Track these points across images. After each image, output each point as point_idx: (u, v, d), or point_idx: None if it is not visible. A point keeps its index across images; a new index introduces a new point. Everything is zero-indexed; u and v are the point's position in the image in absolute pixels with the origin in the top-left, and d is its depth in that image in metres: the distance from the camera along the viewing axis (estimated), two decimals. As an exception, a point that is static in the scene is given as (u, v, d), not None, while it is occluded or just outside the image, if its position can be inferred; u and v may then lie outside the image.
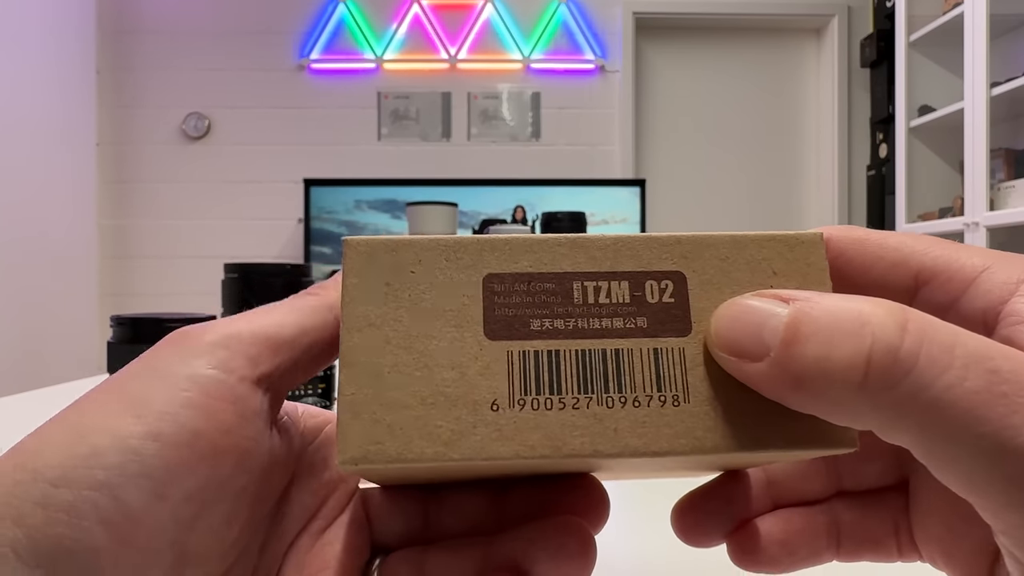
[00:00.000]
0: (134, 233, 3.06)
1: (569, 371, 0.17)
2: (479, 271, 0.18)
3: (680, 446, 0.16)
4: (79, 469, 0.14)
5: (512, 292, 0.17)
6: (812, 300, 0.14)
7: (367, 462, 0.16)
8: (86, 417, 0.15)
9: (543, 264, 0.18)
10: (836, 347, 0.13)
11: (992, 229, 2.18)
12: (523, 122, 3.10)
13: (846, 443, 0.16)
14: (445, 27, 3.07)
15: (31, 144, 2.48)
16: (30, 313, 2.44)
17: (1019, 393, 0.12)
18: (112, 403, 0.15)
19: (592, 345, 0.17)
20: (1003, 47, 2.36)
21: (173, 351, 0.16)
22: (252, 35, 3.05)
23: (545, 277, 0.18)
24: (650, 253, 0.18)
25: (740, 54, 3.23)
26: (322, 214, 2.84)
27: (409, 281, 0.17)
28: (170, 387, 0.15)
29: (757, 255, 0.18)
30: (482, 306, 0.17)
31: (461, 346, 0.17)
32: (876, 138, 3.03)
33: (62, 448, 0.14)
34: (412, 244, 0.18)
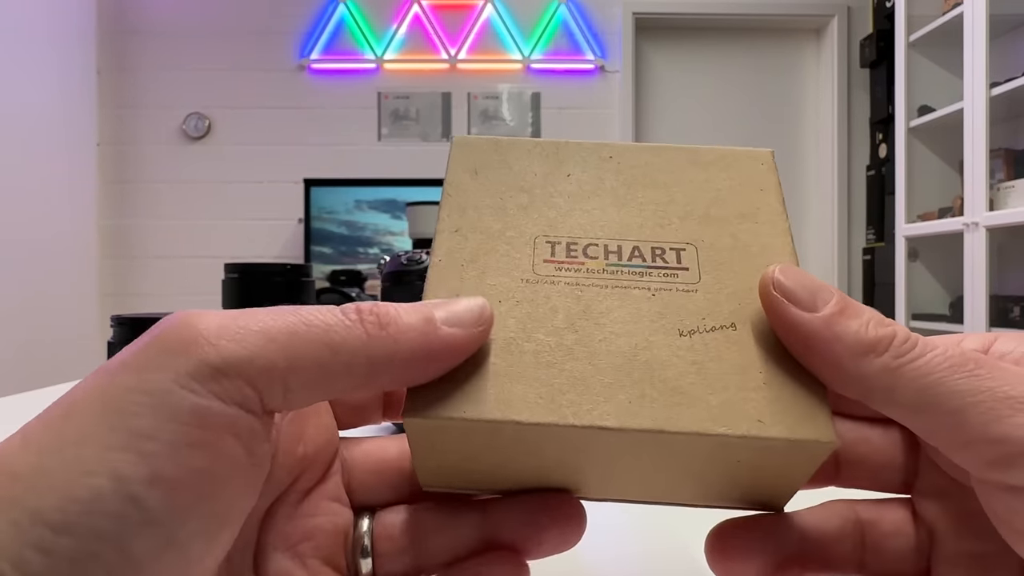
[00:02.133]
0: (134, 233, 3.06)
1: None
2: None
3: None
4: (81, 516, 0.13)
5: None
6: (849, 298, 0.19)
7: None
8: (84, 448, 0.14)
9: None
10: (871, 328, 0.18)
11: (991, 229, 2.18)
12: (523, 122, 3.10)
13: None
14: (445, 27, 3.07)
15: (32, 144, 2.49)
16: (30, 313, 2.44)
17: (980, 366, 0.17)
18: (110, 434, 0.14)
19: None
20: (1003, 47, 2.36)
21: (171, 366, 0.15)
22: (252, 35, 3.06)
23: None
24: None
25: (740, 54, 3.23)
26: (322, 214, 2.84)
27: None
28: (171, 419, 0.14)
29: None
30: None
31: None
32: (876, 138, 3.03)
33: (61, 489, 0.13)
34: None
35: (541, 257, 0.21)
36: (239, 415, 0.15)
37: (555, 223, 0.22)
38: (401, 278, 0.52)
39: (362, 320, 0.16)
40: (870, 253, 2.99)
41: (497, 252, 0.21)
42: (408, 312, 0.17)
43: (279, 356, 0.15)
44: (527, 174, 0.23)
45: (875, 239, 3.00)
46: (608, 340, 0.19)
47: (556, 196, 0.22)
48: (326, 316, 0.16)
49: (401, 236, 2.80)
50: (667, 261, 0.21)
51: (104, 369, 0.15)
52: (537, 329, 0.19)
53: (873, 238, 3.02)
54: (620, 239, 0.21)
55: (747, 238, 0.21)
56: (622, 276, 0.20)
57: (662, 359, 0.19)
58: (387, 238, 2.84)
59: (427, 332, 0.17)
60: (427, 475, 0.20)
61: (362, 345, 0.16)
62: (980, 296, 2.17)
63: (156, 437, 0.14)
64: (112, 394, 0.14)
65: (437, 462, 0.19)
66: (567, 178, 0.23)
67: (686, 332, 0.19)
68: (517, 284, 0.20)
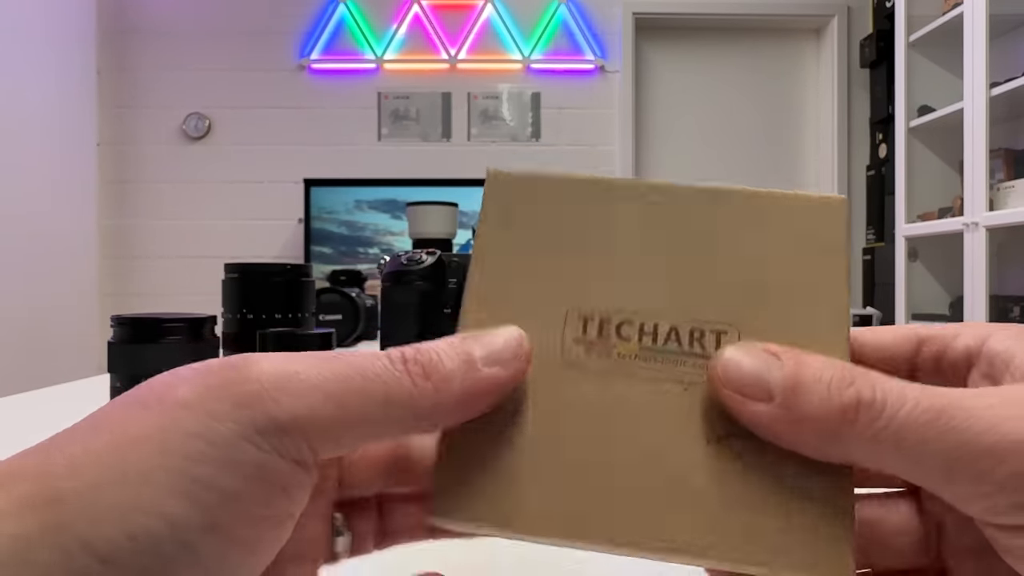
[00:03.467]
0: (135, 233, 3.06)
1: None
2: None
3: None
4: (132, 555, 0.13)
5: None
6: (802, 359, 0.17)
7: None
8: (142, 488, 0.14)
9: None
10: (833, 397, 0.17)
11: (991, 229, 2.18)
12: (523, 122, 3.10)
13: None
14: (445, 27, 3.07)
15: (32, 144, 2.49)
16: (31, 313, 2.44)
17: (955, 415, 0.16)
18: (168, 476, 0.14)
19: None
20: (1003, 47, 2.36)
21: (235, 417, 0.15)
22: (252, 35, 3.06)
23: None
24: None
25: (740, 54, 3.23)
26: (322, 214, 2.84)
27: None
28: (233, 472, 0.14)
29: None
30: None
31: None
32: (876, 138, 3.03)
33: (115, 524, 0.13)
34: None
35: (571, 336, 0.20)
36: (295, 471, 0.15)
37: (590, 290, 0.20)
38: (401, 278, 0.52)
39: (408, 371, 0.16)
40: (870, 253, 2.99)
41: (527, 325, 0.19)
42: (449, 357, 0.17)
43: (336, 412, 0.15)
44: (565, 224, 0.21)
45: (875, 239, 3.00)
46: (632, 446, 0.19)
47: (594, 254, 0.21)
48: (375, 366, 0.16)
49: (401, 236, 2.80)
50: (704, 348, 0.19)
51: (158, 401, 0.15)
52: (562, 429, 0.19)
53: (873, 238, 3.02)
54: (658, 315, 0.20)
55: (797, 323, 0.20)
56: (655, 364, 0.19)
57: (684, 472, 0.18)
58: (387, 238, 2.84)
59: (469, 376, 0.17)
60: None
61: (409, 398, 0.16)
62: (980, 296, 2.17)
63: (216, 487, 0.14)
64: (174, 436, 0.14)
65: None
66: (609, 230, 0.21)
67: (714, 439, 0.18)
68: (545, 371, 0.19)
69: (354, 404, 0.16)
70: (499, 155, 3.10)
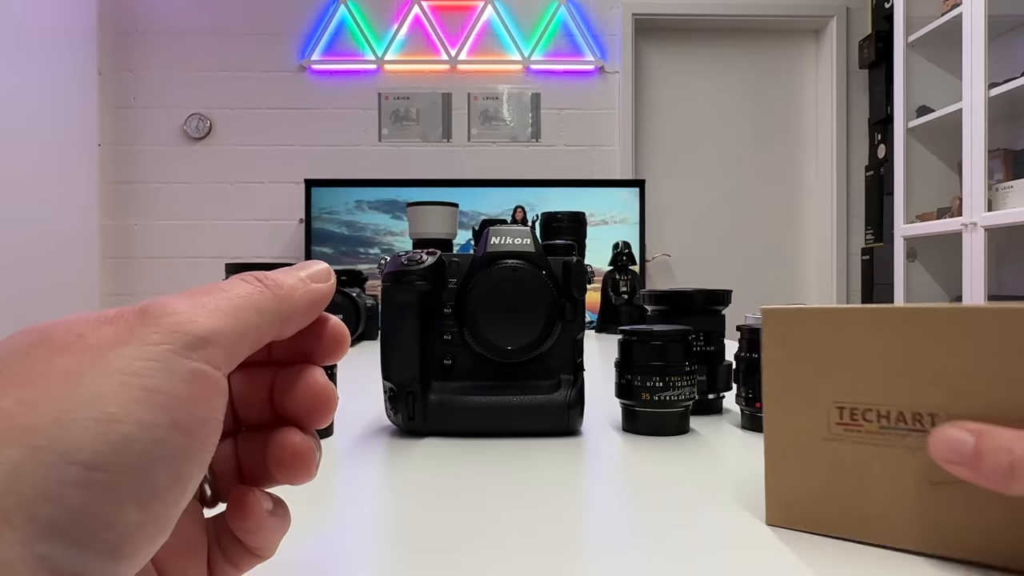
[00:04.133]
0: (136, 233, 3.07)
1: None
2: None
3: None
4: (114, 455, 0.16)
5: None
6: (986, 434, 0.26)
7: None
8: (106, 402, 0.16)
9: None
10: (1001, 461, 0.25)
11: (990, 229, 2.18)
12: (523, 123, 3.11)
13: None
14: (445, 28, 3.08)
15: (33, 145, 2.50)
16: (32, 312, 2.45)
17: None
18: (126, 390, 0.17)
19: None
20: (1001, 48, 2.37)
21: (166, 340, 0.18)
22: (253, 36, 3.06)
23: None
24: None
25: (739, 55, 3.24)
26: (323, 214, 2.85)
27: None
28: (177, 380, 0.17)
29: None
30: None
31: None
32: (875, 139, 3.03)
33: (91, 435, 0.16)
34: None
35: (834, 420, 0.31)
36: (220, 377, 0.19)
37: (842, 390, 0.30)
38: (401, 278, 0.52)
39: (267, 287, 0.21)
40: (869, 253, 3.00)
41: (806, 416, 0.31)
42: (288, 275, 0.22)
43: (236, 324, 0.19)
44: (819, 344, 0.31)
45: (874, 239, 3.01)
46: (881, 486, 0.30)
47: (841, 365, 0.30)
48: (244, 288, 0.21)
49: (401, 236, 2.80)
50: (923, 425, 0.29)
51: (81, 348, 0.18)
52: (834, 474, 0.31)
53: (872, 238, 3.03)
54: (888, 405, 0.29)
55: (997, 407, 0.27)
56: (890, 437, 0.29)
57: (916, 502, 0.29)
58: (387, 238, 2.85)
59: (306, 288, 0.22)
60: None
61: (274, 306, 0.21)
62: (979, 296, 2.18)
63: (169, 392, 0.17)
64: (118, 360, 0.17)
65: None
66: (848, 347, 0.30)
67: (936, 482, 0.28)
68: (819, 441, 0.31)
69: (243, 317, 0.20)
70: (499, 155, 3.11)
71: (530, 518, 0.35)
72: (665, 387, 0.52)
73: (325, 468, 0.45)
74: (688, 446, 0.50)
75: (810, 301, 3.13)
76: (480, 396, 0.53)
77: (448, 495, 0.39)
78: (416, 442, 0.52)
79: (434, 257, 0.53)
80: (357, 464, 0.47)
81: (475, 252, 0.54)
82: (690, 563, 0.30)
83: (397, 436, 0.53)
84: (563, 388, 0.53)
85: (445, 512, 0.36)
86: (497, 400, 0.52)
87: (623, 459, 0.48)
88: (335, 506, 0.39)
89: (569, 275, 0.54)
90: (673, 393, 0.52)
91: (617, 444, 0.51)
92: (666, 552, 0.31)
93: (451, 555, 0.31)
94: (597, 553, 0.31)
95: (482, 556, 0.30)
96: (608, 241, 1.65)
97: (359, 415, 0.61)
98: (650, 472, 0.45)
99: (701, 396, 0.61)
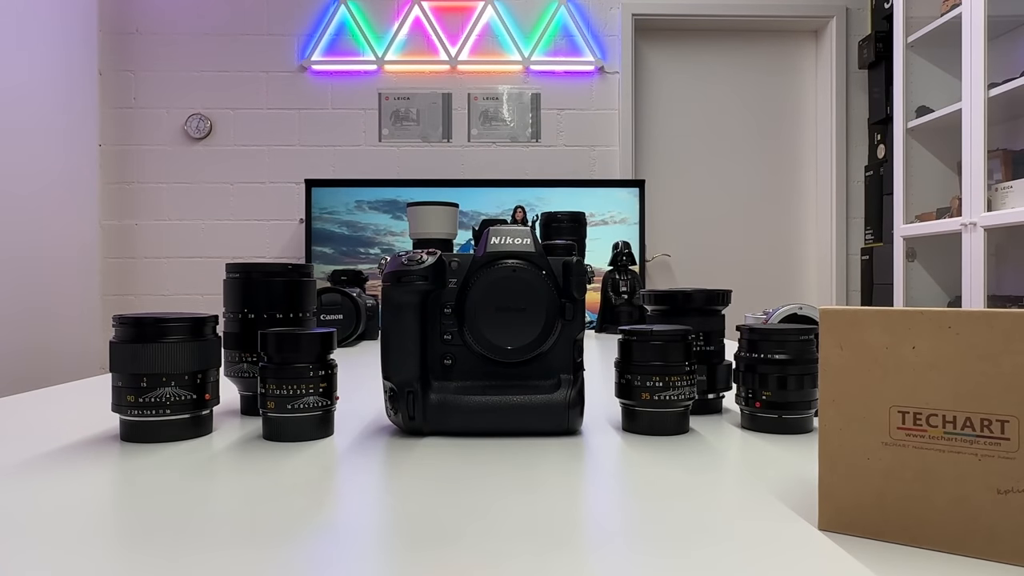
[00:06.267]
0: (136, 233, 3.07)
1: None
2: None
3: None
4: None
5: None
6: None
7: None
8: None
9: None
10: None
11: (989, 230, 2.18)
12: (523, 123, 3.11)
13: None
14: (446, 29, 3.08)
15: (34, 145, 2.50)
16: (33, 313, 2.45)
17: None
18: None
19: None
20: (1001, 48, 2.37)
21: None
22: (254, 37, 3.07)
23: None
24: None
25: (739, 56, 3.24)
26: (323, 214, 2.85)
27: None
28: None
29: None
30: None
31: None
32: (874, 139, 3.04)
33: None
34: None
35: (895, 425, 0.30)
36: None
37: (904, 394, 0.30)
38: (401, 278, 0.53)
39: None
40: (868, 253, 3.00)
41: (864, 419, 0.31)
42: None
43: None
44: (880, 347, 0.31)
45: (873, 239, 3.01)
46: (945, 492, 0.29)
47: (904, 368, 0.30)
48: None
49: (402, 236, 2.81)
50: (992, 432, 0.28)
51: None
52: (894, 480, 0.30)
53: (871, 238, 3.03)
54: (955, 410, 0.29)
55: None
56: (956, 443, 0.29)
57: (981, 509, 0.29)
58: (388, 238, 2.85)
59: None
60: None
61: None
62: (978, 296, 2.18)
63: None
64: None
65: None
66: (913, 351, 0.30)
67: (1003, 491, 0.28)
68: (879, 445, 0.31)
69: None
70: (499, 156, 3.11)
71: (530, 517, 0.35)
72: (665, 387, 0.52)
73: (325, 468, 0.45)
74: (688, 446, 0.50)
75: (810, 301, 3.13)
76: (480, 396, 0.53)
77: (448, 495, 0.39)
78: (416, 442, 0.52)
79: (434, 257, 0.53)
80: (357, 464, 0.47)
81: (475, 252, 0.54)
82: (691, 563, 0.30)
83: (397, 436, 0.53)
84: (563, 388, 0.53)
85: (445, 512, 0.36)
86: (497, 400, 0.53)
87: (623, 459, 0.48)
88: (335, 506, 0.39)
89: (569, 275, 0.54)
90: (673, 393, 0.52)
91: (617, 444, 0.51)
92: (667, 552, 0.31)
93: (451, 554, 0.31)
94: (597, 553, 0.31)
95: (482, 555, 0.31)
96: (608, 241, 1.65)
97: (359, 415, 0.61)
98: (650, 472, 0.45)
99: (701, 396, 0.61)
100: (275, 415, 0.52)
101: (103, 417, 0.58)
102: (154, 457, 0.48)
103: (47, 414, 0.65)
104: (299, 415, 0.51)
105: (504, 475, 0.43)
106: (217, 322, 0.56)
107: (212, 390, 0.54)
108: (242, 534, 0.33)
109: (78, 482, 0.42)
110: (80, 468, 0.45)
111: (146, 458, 0.47)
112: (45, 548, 0.32)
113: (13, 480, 0.43)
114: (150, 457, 0.48)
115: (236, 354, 0.60)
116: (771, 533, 0.33)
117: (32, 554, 0.31)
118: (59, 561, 0.30)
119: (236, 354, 0.60)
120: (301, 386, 0.51)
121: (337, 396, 0.54)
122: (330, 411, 0.53)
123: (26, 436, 0.55)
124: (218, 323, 0.57)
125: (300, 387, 0.51)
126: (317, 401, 0.52)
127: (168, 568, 0.29)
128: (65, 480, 0.43)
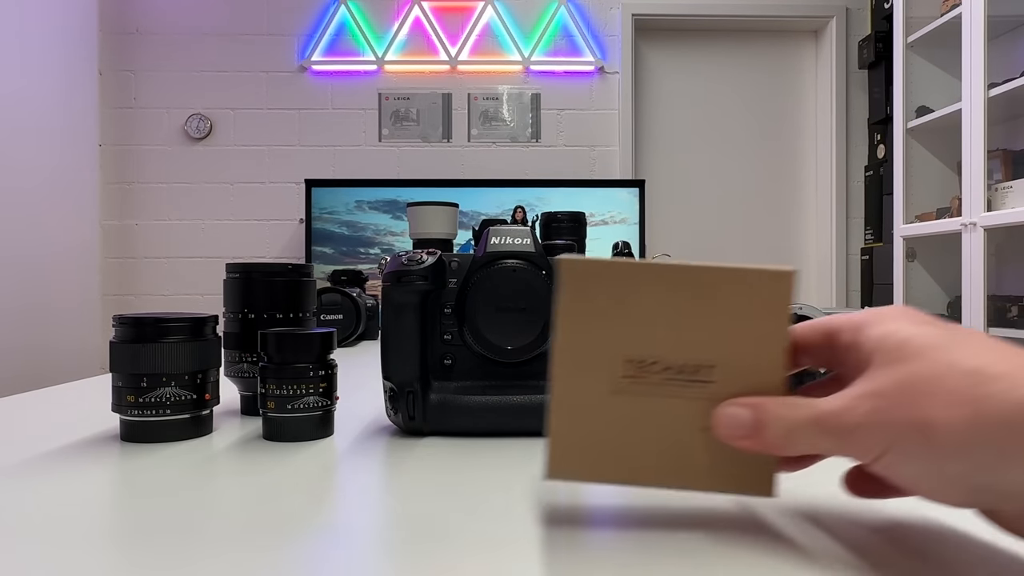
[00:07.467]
0: (136, 234, 3.07)
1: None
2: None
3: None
4: None
5: None
6: (760, 407, 0.30)
7: None
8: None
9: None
10: (781, 429, 0.29)
11: (989, 230, 2.18)
12: (523, 123, 3.11)
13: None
14: (446, 29, 3.08)
15: (34, 145, 2.50)
16: (33, 313, 2.45)
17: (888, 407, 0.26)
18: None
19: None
20: (1001, 48, 2.37)
21: None
22: (254, 37, 3.07)
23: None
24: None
25: (739, 56, 3.24)
26: (323, 214, 2.85)
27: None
28: None
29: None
30: None
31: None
32: (874, 139, 3.04)
33: None
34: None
35: (621, 372, 0.32)
36: None
37: (633, 343, 0.31)
38: (401, 278, 0.53)
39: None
40: (868, 253, 3.00)
41: (595, 366, 0.32)
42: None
43: None
44: (609, 297, 0.31)
45: (873, 239, 3.01)
46: (659, 429, 0.32)
47: (631, 319, 0.31)
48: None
49: (402, 236, 2.81)
50: (700, 376, 0.31)
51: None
52: (621, 422, 0.32)
53: (871, 238, 3.03)
54: (672, 358, 0.31)
55: (756, 360, 0.31)
56: (672, 387, 0.31)
57: (687, 444, 0.32)
58: (388, 238, 2.85)
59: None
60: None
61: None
62: (978, 296, 2.18)
63: None
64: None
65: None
66: (638, 303, 0.31)
67: (706, 429, 0.31)
68: (605, 391, 0.32)
69: None
70: (499, 156, 3.11)
71: (530, 518, 0.35)
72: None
73: (325, 468, 0.45)
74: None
75: (810, 301, 3.13)
76: (480, 396, 0.53)
77: (448, 495, 0.39)
78: (416, 442, 0.52)
79: (434, 257, 0.53)
80: (357, 464, 0.47)
81: (475, 252, 0.54)
82: (691, 563, 0.30)
83: (397, 436, 0.53)
84: (563, 388, 0.53)
85: (445, 512, 0.36)
86: (497, 400, 0.53)
87: (623, 459, 0.48)
88: (335, 506, 0.39)
89: (569, 275, 0.54)
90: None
91: (617, 444, 0.51)
92: (667, 552, 0.31)
93: (451, 554, 0.31)
94: (598, 553, 0.31)
95: (482, 555, 0.31)
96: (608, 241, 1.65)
97: (359, 415, 0.61)
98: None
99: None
100: (275, 415, 0.52)
101: (103, 417, 0.58)
102: (154, 457, 0.48)
103: (47, 414, 0.65)
104: (299, 415, 0.51)
105: (504, 475, 0.43)
106: (217, 322, 0.56)
107: (212, 390, 0.54)
108: (242, 534, 0.33)
109: (78, 482, 0.42)
110: (80, 468, 0.45)
111: (146, 458, 0.47)
112: (45, 548, 0.32)
113: (13, 480, 0.43)
114: (150, 457, 0.48)
115: (236, 354, 0.60)
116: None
117: (32, 554, 0.31)
118: (59, 561, 0.30)
119: (236, 354, 0.60)
120: (301, 386, 0.51)
121: (337, 396, 0.54)
122: (330, 411, 0.53)
123: (26, 436, 0.55)
124: (218, 323, 0.57)
125: (300, 387, 0.51)
126: (317, 401, 0.52)
127: (168, 568, 0.29)
128: (65, 480, 0.43)
